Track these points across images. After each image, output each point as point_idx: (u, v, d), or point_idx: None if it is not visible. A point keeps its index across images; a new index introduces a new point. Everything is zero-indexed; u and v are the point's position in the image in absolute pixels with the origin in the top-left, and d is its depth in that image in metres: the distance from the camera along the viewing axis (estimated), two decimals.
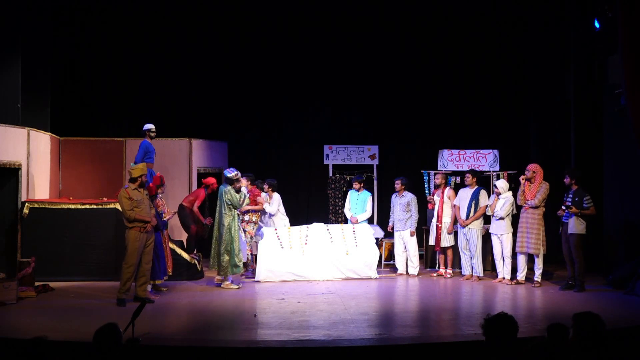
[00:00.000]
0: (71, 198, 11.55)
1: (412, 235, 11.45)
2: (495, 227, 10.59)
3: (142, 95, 13.79)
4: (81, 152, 12.56)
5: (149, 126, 11.38)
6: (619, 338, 6.62)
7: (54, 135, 12.20)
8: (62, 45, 13.20)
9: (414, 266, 11.50)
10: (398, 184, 11.57)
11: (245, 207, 10.74)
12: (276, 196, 11.55)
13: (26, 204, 10.59)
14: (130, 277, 8.73)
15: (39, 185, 11.35)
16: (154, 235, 9.06)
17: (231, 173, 10.26)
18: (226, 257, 10.07)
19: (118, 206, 9.81)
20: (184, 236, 11.99)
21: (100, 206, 10.79)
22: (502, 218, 10.47)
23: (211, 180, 11.76)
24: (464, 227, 10.87)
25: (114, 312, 8.13)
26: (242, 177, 10.53)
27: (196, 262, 10.93)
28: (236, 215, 10.28)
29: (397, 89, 14.18)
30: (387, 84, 14.19)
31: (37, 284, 9.54)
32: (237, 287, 10.16)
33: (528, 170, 10.30)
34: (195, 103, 13.97)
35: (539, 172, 10.26)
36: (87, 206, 10.79)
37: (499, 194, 10.55)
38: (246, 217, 11.06)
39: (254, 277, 10.85)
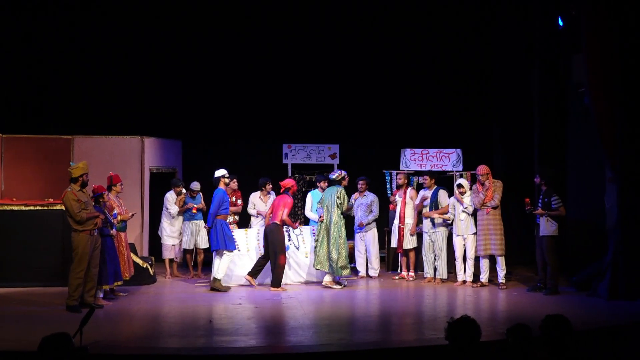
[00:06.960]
0: (14, 199, 11.10)
1: (367, 225, 11.18)
2: (461, 228, 10.35)
3: (92, 90, 13.29)
4: (25, 150, 12.03)
5: (221, 172, 10.42)
6: (581, 340, 6.52)
7: None
8: (4, 37, 12.63)
9: (374, 268, 11.33)
10: (362, 184, 11.29)
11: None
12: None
13: None
14: (80, 282, 8.49)
15: None
16: (100, 239, 8.80)
17: (335, 174, 10.57)
18: (335, 256, 10.10)
19: None
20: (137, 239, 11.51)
21: (46, 207, 10.41)
22: (469, 214, 10.29)
23: (291, 182, 10.61)
24: (427, 217, 10.63)
25: (61, 319, 7.82)
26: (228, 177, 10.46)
27: (148, 266, 10.59)
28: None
29: (359, 86, 13.99)
30: (348, 80, 13.97)
31: None
32: (341, 287, 10.23)
33: (481, 174, 10.19)
34: (147, 99, 13.52)
35: (489, 172, 10.24)
36: (32, 207, 10.42)
37: (463, 193, 10.32)
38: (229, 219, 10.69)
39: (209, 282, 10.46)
